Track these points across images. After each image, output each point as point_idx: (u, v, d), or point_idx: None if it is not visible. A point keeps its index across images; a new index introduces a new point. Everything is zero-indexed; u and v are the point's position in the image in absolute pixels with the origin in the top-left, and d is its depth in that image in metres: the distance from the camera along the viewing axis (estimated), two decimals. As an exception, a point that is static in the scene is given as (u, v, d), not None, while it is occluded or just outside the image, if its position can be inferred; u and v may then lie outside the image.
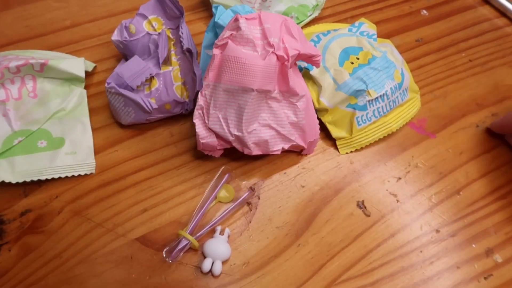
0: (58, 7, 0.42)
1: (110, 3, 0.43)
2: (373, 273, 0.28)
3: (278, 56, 0.27)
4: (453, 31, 0.44)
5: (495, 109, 0.38)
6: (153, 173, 0.32)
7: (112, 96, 0.32)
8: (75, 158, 0.31)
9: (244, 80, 0.27)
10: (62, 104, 0.33)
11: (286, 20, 0.28)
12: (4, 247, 0.28)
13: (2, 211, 0.29)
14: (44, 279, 0.27)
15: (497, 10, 0.47)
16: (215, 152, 0.31)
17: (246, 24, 0.27)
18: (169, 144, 0.33)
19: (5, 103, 0.32)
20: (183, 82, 0.33)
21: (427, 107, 0.38)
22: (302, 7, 0.41)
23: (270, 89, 0.28)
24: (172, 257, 0.27)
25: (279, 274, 0.28)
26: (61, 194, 0.30)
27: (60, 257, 0.28)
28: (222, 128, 0.29)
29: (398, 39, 0.43)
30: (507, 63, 0.42)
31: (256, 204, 0.31)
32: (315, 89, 0.34)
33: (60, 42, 0.39)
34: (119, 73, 0.31)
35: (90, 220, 0.29)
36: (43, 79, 0.33)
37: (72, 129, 0.32)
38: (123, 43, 0.33)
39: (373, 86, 0.33)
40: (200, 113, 0.29)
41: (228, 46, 0.27)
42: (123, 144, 0.33)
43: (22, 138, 0.31)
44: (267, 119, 0.29)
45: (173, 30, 0.33)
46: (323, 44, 0.36)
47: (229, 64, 0.27)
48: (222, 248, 0.28)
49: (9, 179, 0.29)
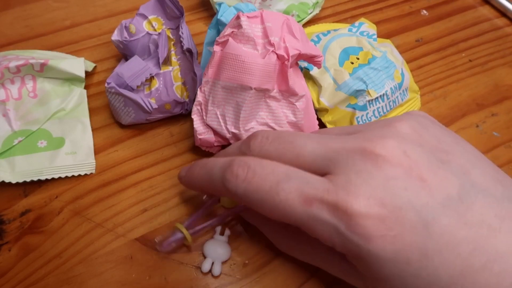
0: (58, 7, 0.42)
1: (110, 3, 0.43)
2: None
3: (278, 55, 0.27)
4: (453, 31, 0.45)
5: (495, 109, 0.38)
6: (153, 173, 0.32)
7: (112, 96, 0.32)
8: (75, 158, 0.31)
9: (242, 78, 0.27)
10: (62, 104, 0.33)
11: (288, 20, 0.28)
12: (4, 247, 0.28)
13: (2, 211, 0.29)
14: (44, 279, 0.27)
15: (497, 10, 0.47)
16: (212, 148, 0.31)
17: (247, 22, 0.27)
18: (169, 144, 0.33)
19: (5, 103, 0.32)
20: (183, 82, 0.33)
21: (427, 107, 0.38)
22: (303, 5, 0.41)
23: (269, 88, 0.28)
24: (163, 247, 0.27)
25: (279, 274, 0.28)
26: (61, 194, 0.30)
27: (60, 257, 0.27)
28: (219, 125, 0.29)
29: (398, 39, 0.43)
30: (507, 63, 0.42)
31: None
32: (315, 89, 0.34)
33: (60, 42, 0.39)
34: (119, 73, 0.31)
35: (90, 220, 0.29)
36: (43, 79, 0.33)
37: (72, 129, 0.32)
38: (123, 43, 0.33)
39: (373, 86, 0.33)
40: (198, 109, 0.29)
41: (229, 44, 0.27)
42: (123, 144, 0.33)
43: (22, 138, 0.31)
44: (265, 118, 0.29)
45: (173, 30, 0.33)
46: (323, 44, 0.36)
47: (229, 61, 0.27)
48: (221, 248, 0.28)
49: (9, 179, 0.29)
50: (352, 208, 0.18)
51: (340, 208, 0.19)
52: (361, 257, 0.19)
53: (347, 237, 0.19)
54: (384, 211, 0.18)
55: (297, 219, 0.20)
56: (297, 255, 0.26)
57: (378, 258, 0.19)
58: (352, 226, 0.18)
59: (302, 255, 0.26)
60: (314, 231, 0.20)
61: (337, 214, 0.19)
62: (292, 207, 0.20)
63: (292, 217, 0.20)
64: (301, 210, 0.20)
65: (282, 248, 0.27)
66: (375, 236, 0.18)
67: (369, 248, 0.18)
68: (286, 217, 0.20)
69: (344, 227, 0.19)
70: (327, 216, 0.19)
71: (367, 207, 0.18)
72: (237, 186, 0.21)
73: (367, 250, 0.18)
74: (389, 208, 0.18)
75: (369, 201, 0.19)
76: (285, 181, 0.20)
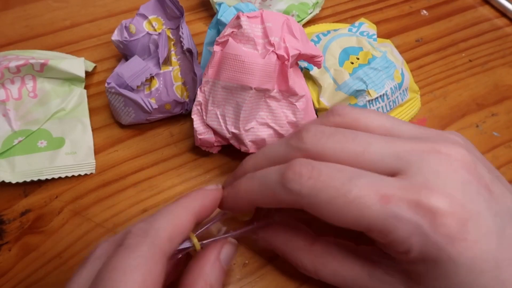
0: (58, 7, 0.42)
1: (110, 3, 0.43)
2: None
3: (278, 55, 0.27)
4: (453, 31, 0.45)
5: (495, 109, 0.38)
6: (153, 173, 0.32)
7: (112, 96, 0.32)
8: (75, 158, 0.31)
9: (242, 78, 0.27)
10: (62, 104, 0.33)
11: (288, 20, 0.28)
12: (4, 247, 0.28)
13: (2, 211, 0.29)
14: (44, 279, 0.27)
15: (497, 10, 0.47)
16: (212, 148, 0.31)
17: (247, 22, 0.27)
18: (169, 144, 0.33)
19: (5, 103, 0.32)
20: (183, 82, 0.33)
21: (427, 107, 0.38)
22: (303, 5, 0.41)
23: (269, 88, 0.28)
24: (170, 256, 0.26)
25: (279, 274, 0.28)
26: (61, 194, 0.30)
27: (60, 257, 0.27)
28: (219, 125, 0.29)
29: (398, 39, 0.43)
30: (507, 63, 0.42)
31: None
32: (315, 89, 0.34)
33: (60, 42, 0.39)
34: (119, 73, 0.31)
35: (90, 220, 0.29)
36: (43, 79, 0.34)
37: (72, 129, 0.32)
38: (123, 43, 0.33)
39: (373, 86, 0.33)
40: (198, 109, 0.29)
41: (229, 44, 0.27)
42: (123, 144, 0.33)
43: (22, 138, 0.31)
44: (265, 117, 0.29)
45: (173, 30, 0.33)
46: (323, 44, 0.36)
47: (229, 61, 0.27)
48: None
49: (9, 179, 0.29)
50: (437, 206, 0.18)
51: (423, 206, 0.18)
52: (439, 261, 0.18)
53: (430, 236, 0.18)
54: (465, 214, 0.18)
55: (372, 218, 0.18)
56: (325, 275, 0.24)
57: (455, 264, 0.18)
58: (436, 225, 0.18)
59: (331, 275, 0.23)
60: (390, 232, 0.18)
61: (419, 212, 0.18)
62: (367, 204, 0.18)
63: (366, 216, 0.19)
64: (378, 208, 0.18)
65: (307, 269, 0.24)
66: (457, 238, 0.18)
67: (450, 251, 0.18)
68: (359, 216, 0.19)
69: (428, 225, 0.18)
70: (408, 214, 0.18)
71: (451, 207, 0.18)
72: (301, 184, 0.20)
73: (448, 253, 0.18)
74: (469, 211, 0.18)
75: (452, 201, 0.18)
76: (357, 177, 0.19)
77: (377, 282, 0.22)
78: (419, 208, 0.18)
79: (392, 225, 0.18)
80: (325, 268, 0.23)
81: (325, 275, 0.23)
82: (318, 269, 0.24)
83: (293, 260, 0.25)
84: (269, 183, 0.21)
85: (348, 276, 0.23)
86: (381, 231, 0.19)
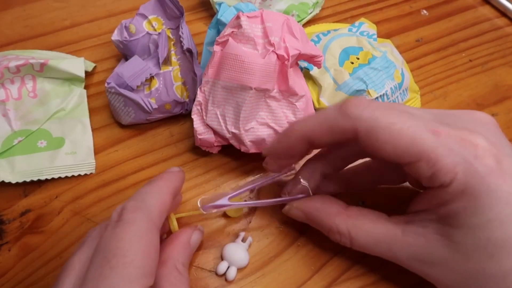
0: (58, 7, 0.42)
1: (110, 3, 0.43)
2: (373, 272, 0.28)
3: (278, 55, 0.27)
4: (453, 31, 0.44)
5: (495, 109, 0.38)
6: (153, 173, 0.32)
7: (112, 96, 0.32)
8: (75, 158, 0.31)
9: (242, 78, 0.27)
10: (62, 104, 0.33)
11: (288, 20, 0.28)
12: (4, 247, 0.28)
13: (2, 211, 0.29)
14: (44, 279, 0.27)
15: (497, 10, 0.47)
16: (212, 148, 0.31)
17: (247, 22, 0.27)
18: (169, 144, 0.33)
19: (5, 103, 0.32)
20: (183, 82, 0.33)
21: (427, 107, 0.38)
22: (303, 5, 0.41)
23: (269, 88, 0.28)
24: (205, 208, 0.26)
25: (279, 274, 0.28)
26: (61, 194, 0.30)
27: (60, 257, 0.27)
28: (219, 125, 0.29)
29: (398, 39, 0.43)
30: (507, 63, 0.42)
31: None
32: (315, 89, 0.34)
33: (60, 42, 0.39)
34: (119, 73, 0.31)
35: (90, 220, 0.29)
36: (43, 79, 0.33)
37: (72, 129, 0.32)
38: (123, 43, 0.33)
39: (373, 86, 0.33)
40: (198, 109, 0.29)
41: (229, 44, 0.27)
42: (123, 144, 0.33)
43: (22, 138, 0.31)
44: (265, 118, 0.29)
45: (173, 30, 0.33)
46: (323, 44, 0.36)
47: (229, 61, 0.27)
48: (241, 254, 0.27)
49: (9, 179, 0.29)
50: (477, 142, 0.21)
51: (467, 140, 0.21)
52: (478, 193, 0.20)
53: (473, 165, 0.20)
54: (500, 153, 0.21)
55: (424, 145, 0.20)
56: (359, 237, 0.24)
57: (493, 196, 0.20)
58: (478, 156, 0.20)
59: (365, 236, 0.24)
60: (439, 160, 0.20)
61: (465, 144, 0.21)
62: (421, 133, 0.21)
63: (419, 143, 0.21)
64: (430, 137, 0.21)
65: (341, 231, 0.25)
66: (496, 172, 0.20)
67: (489, 182, 0.20)
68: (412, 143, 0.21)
69: (472, 156, 0.20)
70: (456, 145, 0.21)
71: (488, 145, 0.21)
72: (362, 110, 0.22)
73: (487, 184, 0.20)
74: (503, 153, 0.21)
75: (489, 141, 0.21)
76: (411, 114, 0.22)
77: (411, 236, 0.23)
78: (464, 142, 0.21)
79: (442, 153, 0.20)
80: (359, 230, 0.25)
81: (359, 236, 0.24)
82: (352, 231, 0.25)
83: (327, 225, 0.26)
84: (328, 114, 0.23)
85: (381, 234, 0.24)
86: (431, 159, 0.21)
